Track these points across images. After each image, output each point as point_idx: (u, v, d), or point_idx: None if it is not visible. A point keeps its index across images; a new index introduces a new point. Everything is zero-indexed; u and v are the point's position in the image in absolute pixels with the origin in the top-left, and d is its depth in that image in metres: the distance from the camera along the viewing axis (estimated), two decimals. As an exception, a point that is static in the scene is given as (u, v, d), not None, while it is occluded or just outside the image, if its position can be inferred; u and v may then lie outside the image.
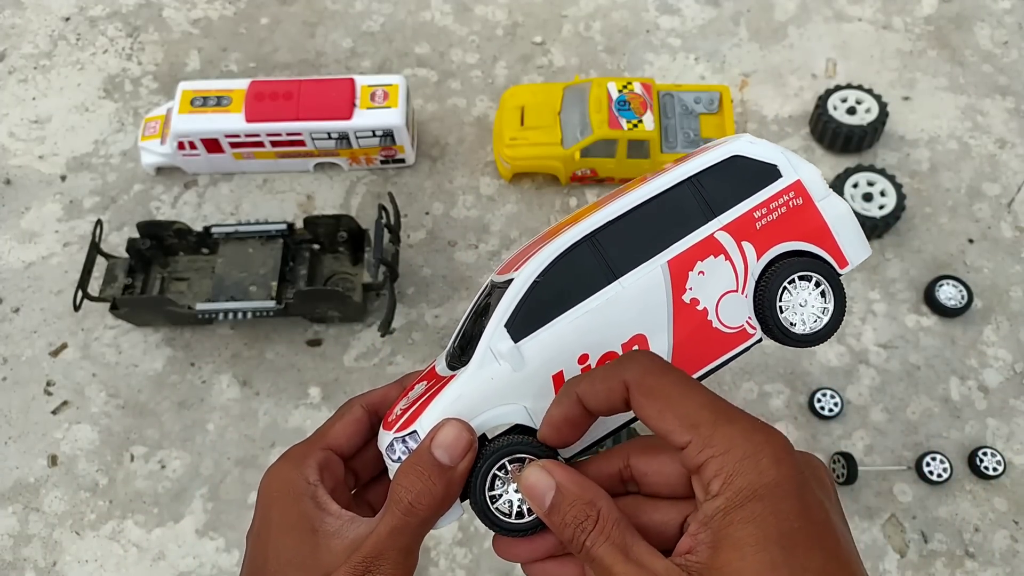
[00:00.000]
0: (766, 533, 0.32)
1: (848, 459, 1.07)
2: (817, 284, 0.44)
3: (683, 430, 0.35)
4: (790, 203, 0.45)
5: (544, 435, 0.41)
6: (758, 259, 0.44)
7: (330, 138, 1.29)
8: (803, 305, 0.44)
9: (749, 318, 0.44)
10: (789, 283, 0.43)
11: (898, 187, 1.26)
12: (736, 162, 0.46)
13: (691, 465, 0.35)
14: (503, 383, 0.41)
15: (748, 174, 0.46)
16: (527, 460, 0.41)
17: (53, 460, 1.16)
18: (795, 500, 0.33)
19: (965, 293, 1.21)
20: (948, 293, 1.21)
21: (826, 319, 0.44)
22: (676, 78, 1.45)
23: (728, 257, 0.43)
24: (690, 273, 0.43)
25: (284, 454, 0.48)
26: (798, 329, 0.44)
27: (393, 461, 0.42)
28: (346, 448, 0.48)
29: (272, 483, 0.45)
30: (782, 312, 0.43)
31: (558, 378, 0.41)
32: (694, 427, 0.35)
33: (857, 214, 1.24)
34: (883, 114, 1.33)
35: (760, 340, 0.44)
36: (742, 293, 0.43)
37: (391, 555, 0.39)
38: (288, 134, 1.28)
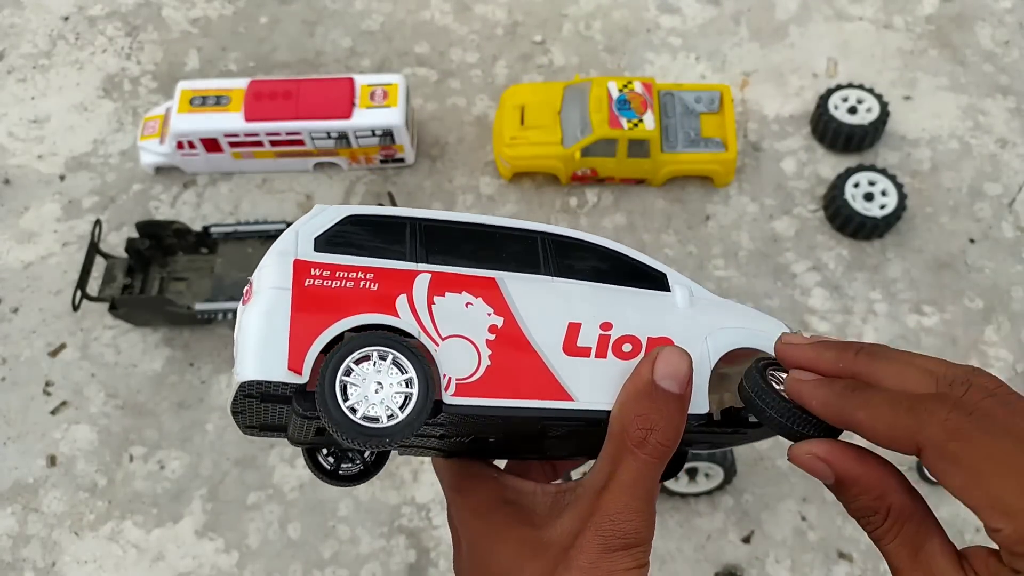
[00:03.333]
0: None
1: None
2: None
3: (995, 515, 0.29)
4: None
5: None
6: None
7: (329, 137, 1.29)
8: None
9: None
10: None
11: (899, 187, 1.26)
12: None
13: (1004, 547, 0.29)
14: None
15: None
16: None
17: (52, 460, 1.15)
18: None
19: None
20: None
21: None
22: (677, 77, 1.45)
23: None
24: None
25: (448, 485, 0.43)
26: None
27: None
28: None
29: (461, 507, 0.41)
30: None
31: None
32: (1009, 516, 0.28)
33: (859, 214, 1.24)
34: (884, 113, 1.32)
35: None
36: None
37: (636, 505, 0.35)
38: (287, 133, 1.28)
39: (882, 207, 1.25)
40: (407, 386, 0.36)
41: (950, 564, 0.31)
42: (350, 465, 0.42)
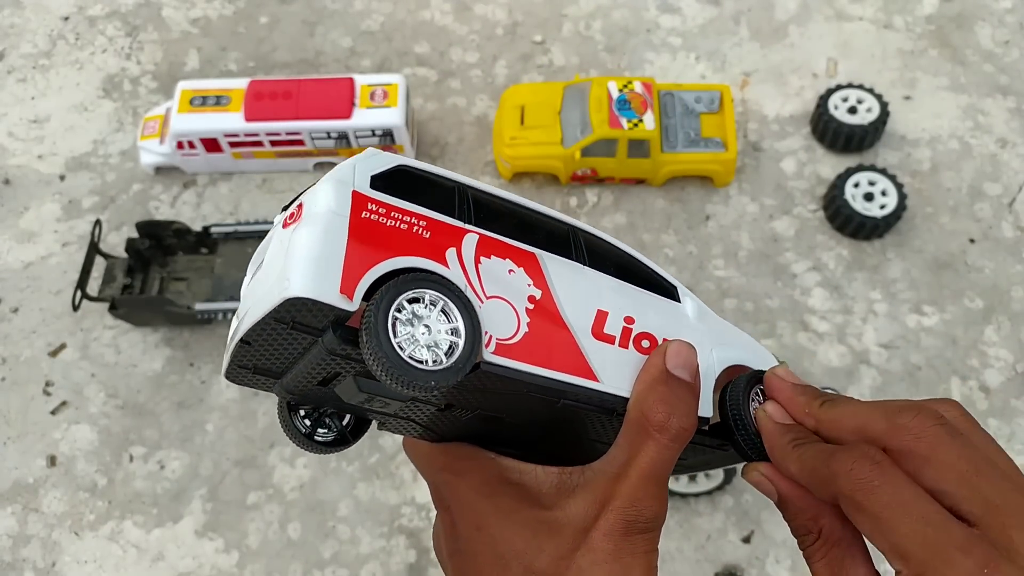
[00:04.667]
0: None
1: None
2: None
3: (894, 558, 0.32)
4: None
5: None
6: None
7: (329, 137, 1.29)
8: None
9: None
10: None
11: (899, 187, 1.26)
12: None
13: None
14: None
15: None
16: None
17: (52, 460, 1.15)
18: None
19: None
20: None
21: None
22: (677, 77, 1.45)
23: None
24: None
25: (441, 467, 0.43)
26: None
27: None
28: None
29: (462, 489, 0.40)
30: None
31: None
32: (904, 559, 0.31)
33: (859, 213, 1.24)
34: (884, 113, 1.32)
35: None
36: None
37: (655, 491, 0.36)
38: (287, 133, 1.28)
39: (882, 207, 1.25)
40: (453, 334, 0.36)
41: None
42: (326, 432, 0.41)
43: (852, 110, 1.33)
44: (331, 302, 0.33)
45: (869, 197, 1.26)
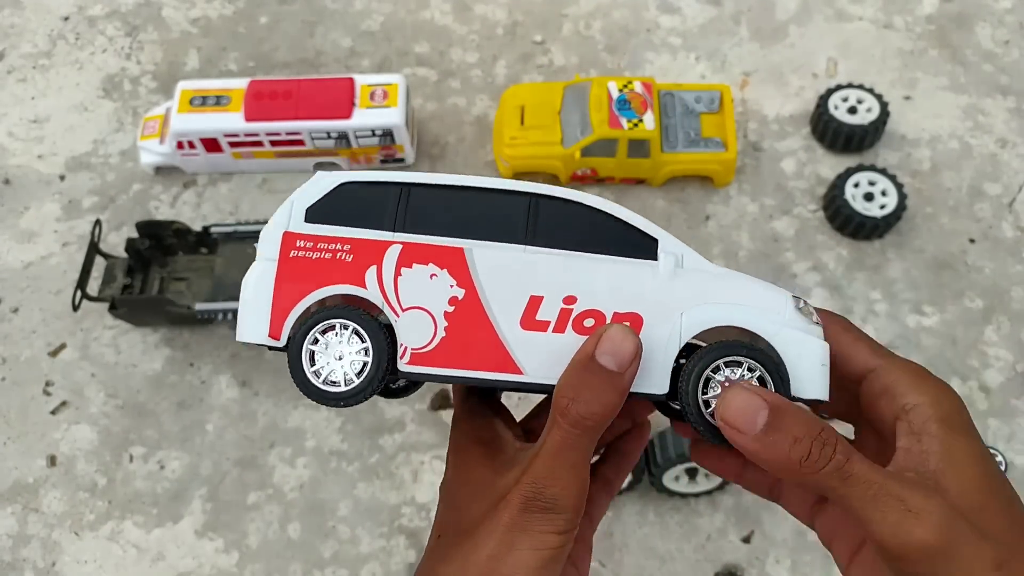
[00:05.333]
0: (974, 447, 0.36)
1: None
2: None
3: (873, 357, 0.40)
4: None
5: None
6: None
7: (329, 137, 1.29)
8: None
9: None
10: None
11: (899, 187, 1.26)
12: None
13: (880, 384, 0.39)
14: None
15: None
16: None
17: (52, 460, 1.15)
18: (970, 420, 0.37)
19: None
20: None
21: None
22: (677, 77, 1.45)
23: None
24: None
25: (453, 417, 0.47)
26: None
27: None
28: None
29: (452, 439, 0.45)
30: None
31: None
32: (882, 356, 0.39)
33: (859, 213, 1.24)
34: (884, 113, 1.32)
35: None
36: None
37: (561, 473, 0.37)
38: (287, 133, 1.28)
39: (882, 207, 1.25)
40: (366, 354, 0.41)
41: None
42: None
43: (852, 110, 1.33)
44: (262, 343, 0.41)
45: (869, 197, 1.26)
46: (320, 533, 1.10)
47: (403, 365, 0.41)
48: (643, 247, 0.42)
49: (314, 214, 0.42)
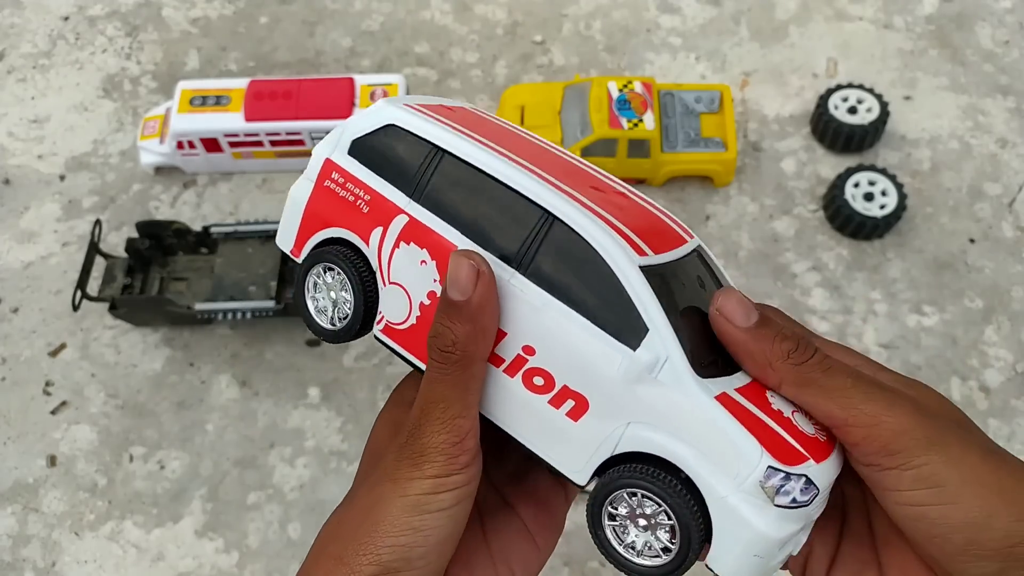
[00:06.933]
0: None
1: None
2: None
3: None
4: None
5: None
6: None
7: (330, 137, 1.29)
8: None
9: None
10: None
11: (899, 187, 1.26)
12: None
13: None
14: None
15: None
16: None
17: (52, 460, 1.15)
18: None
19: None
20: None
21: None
22: (677, 77, 1.45)
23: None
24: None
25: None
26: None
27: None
28: None
29: (387, 406, 0.46)
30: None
31: None
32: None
33: (859, 214, 1.24)
34: (884, 113, 1.32)
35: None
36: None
37: (435, 413, 0.37)
38: (287, 133, 1.28)
39: (882, 207, 1.25)
40: (349, 308, 0.42)
41: None
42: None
43: (852, 110, 1.33)
44: (289, 253, 0.44)
45: (869, 197, 1.26)
46: (320, 533, 1.10)
47: (376, 331, 0.42)
48: (629, 328, 0.35)
49: (357, 148, 0.42)
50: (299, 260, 0.44)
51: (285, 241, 0.45)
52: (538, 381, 0.37)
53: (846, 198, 1.25)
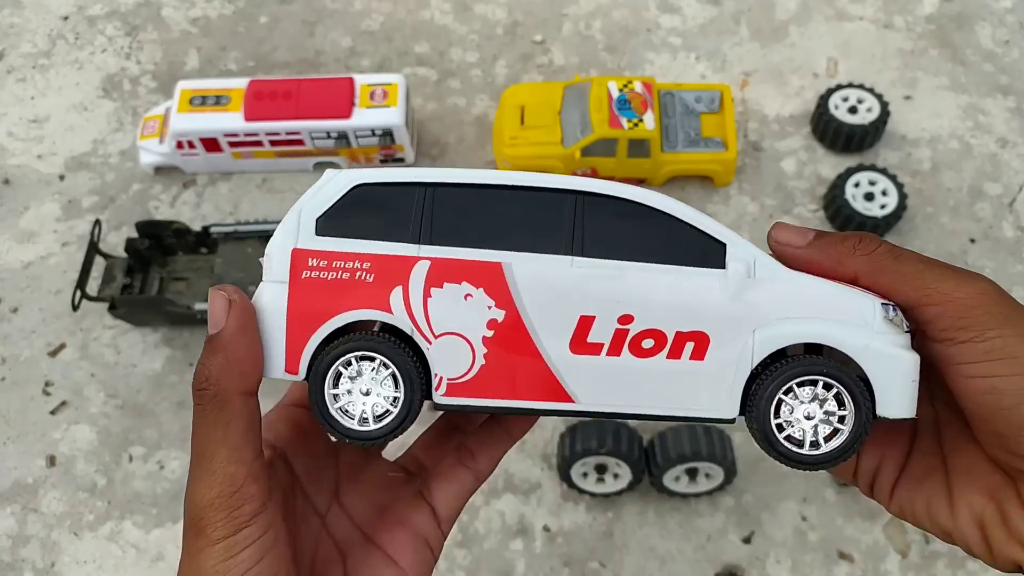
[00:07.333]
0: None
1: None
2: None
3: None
4: None
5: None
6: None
7: (329, 137, 1.29)
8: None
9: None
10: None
11: (899, 186, 1.26)
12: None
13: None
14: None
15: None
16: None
17: (51, 460, 1.15)
18: None
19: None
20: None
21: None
22: (677, 77, 1.45)
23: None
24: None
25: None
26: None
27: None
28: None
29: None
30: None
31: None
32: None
33: (859, 214, 1.24)
34: (884, 113, 1.32)
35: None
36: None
37: (201, 466, 0.36)
38: (287, 133, 1.28)
39: (882, 207, 1.25)
40: (393, 403, 0.37)
41: None
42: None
43: (852, 110, 1.33)
44: (281, 378, 0.38)
45: (869, 197, 1.26)
46: (320, 533, 1.10)
47: (439, 397, 0.37)
48: (709, 254, 0.38)
49: (326, 224, 0.38)
50: (297, 377, 0.38)
51: (274, 367, 0.38)
52: (647, 344, 0.37)
53: (846, 198, 1.25)
